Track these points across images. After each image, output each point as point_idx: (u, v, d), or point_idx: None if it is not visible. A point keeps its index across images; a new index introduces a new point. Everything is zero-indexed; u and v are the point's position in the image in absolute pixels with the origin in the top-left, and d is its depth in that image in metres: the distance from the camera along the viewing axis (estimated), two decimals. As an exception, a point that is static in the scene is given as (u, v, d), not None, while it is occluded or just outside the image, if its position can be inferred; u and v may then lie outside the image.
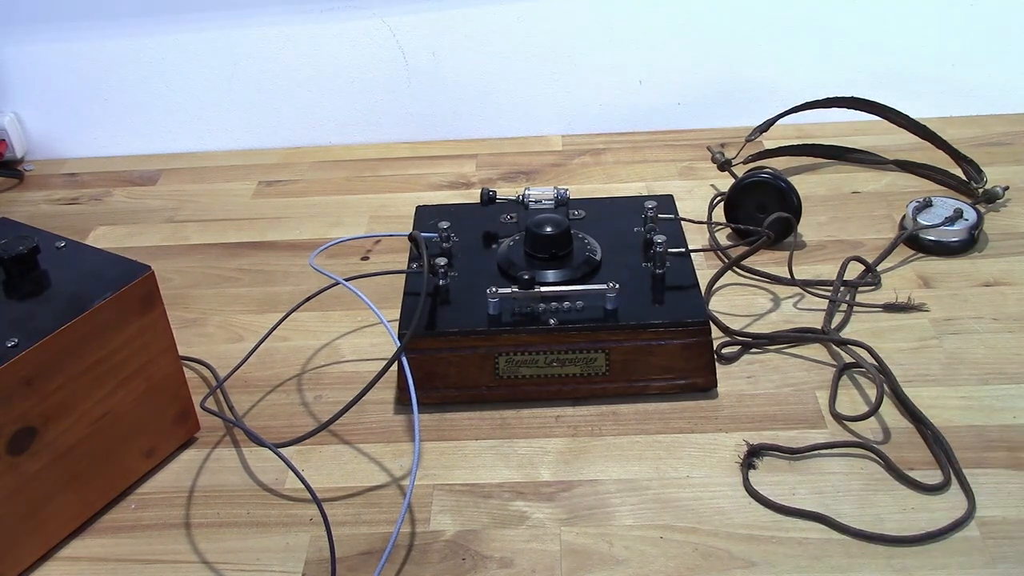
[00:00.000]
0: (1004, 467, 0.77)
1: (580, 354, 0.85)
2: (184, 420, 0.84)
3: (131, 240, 1.16)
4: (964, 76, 1.26)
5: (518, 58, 1.27)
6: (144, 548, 0.76)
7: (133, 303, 0.76)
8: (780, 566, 0.70)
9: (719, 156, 1.14)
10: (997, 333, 0.91)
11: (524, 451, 0.82)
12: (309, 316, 0.99)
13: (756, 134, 1.16)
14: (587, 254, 0.91)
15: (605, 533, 0.74)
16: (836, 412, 0.83)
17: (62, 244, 0.80)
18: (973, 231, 1.02)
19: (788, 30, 1.24)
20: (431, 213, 1.01)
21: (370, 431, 0.85)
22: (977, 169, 1.11)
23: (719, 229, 1.07)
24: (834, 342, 0.90)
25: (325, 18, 1.26)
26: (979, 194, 1.09)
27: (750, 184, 1.02)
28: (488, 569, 0.72)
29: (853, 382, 0.87)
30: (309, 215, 1.18)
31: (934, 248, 1.02)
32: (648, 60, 1.27)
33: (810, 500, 0.76)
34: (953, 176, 1.13)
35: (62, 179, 1.31)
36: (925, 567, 0.69)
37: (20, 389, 0.69)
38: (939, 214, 1.03)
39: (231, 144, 1.34)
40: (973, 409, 0.82)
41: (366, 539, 0.75)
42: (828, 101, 1.15)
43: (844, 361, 0.88)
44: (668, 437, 0.82)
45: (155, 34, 1.27)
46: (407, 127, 1.32)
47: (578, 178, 1.21)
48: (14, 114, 1.33)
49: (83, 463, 0.76)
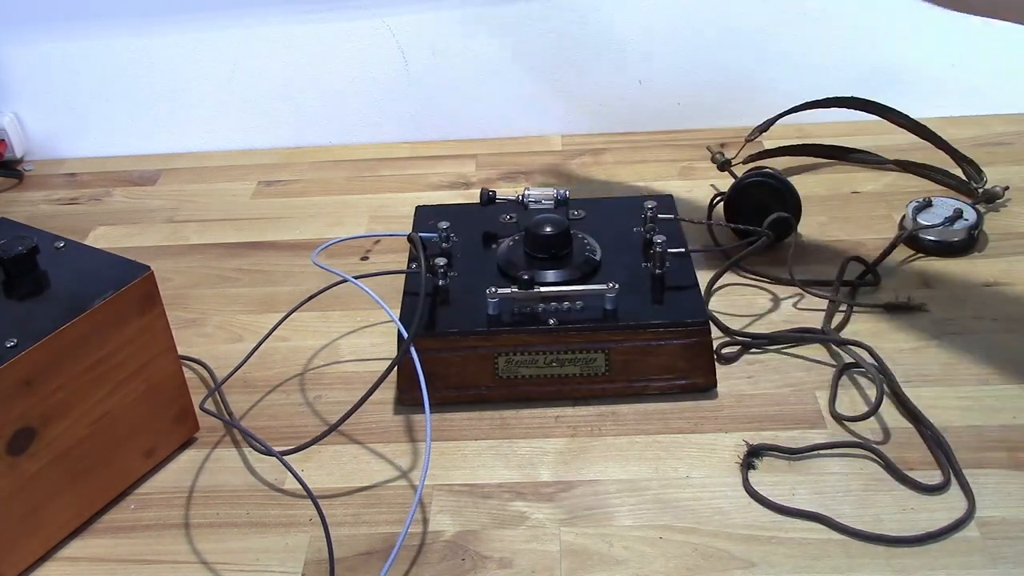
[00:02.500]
0: (1004, 467, 0.77)
1: (580, 354, 0.85)
2: (184, 420, 0.84)
3: (131, 240, 1.16)
4: (964, 76, 1.26)
5: (518, 58, 1.27)
6: (144, 548, 0.76)
7: (133, 303, 0.76)
8: (780, 566, 0.70)
9: (719, 156, 1.14)
10: (997, 333, 0.91)
11: (524, 451, 0.82)
12: (309, 316, 0.99)
13: (756, 134, 1.16)
14: (587, 254, 0.91)
15: (605, 533, 0.74)
16: (836, 412, 0.83)
17: (61, 244, 0.80)
18: (973, 231, 1.02)
19: (788, 30, 1.24)
20: (431, 213, 1.01)
21: (370, 431, 0.85)
22: (977, 169, 1.11)
23: (719, 229, 1.07)
24: (834, 342, 0.90)
25: (325, 18, 1.26)
26: (979, 194, 1.09)
27: (750, 184, 1.02)
28: (488, 569, 0.72)
29: (853, 382, 0.86)
30: (309, 215, 1.18)
31: (934, 248, 1.02)
32: (648, 60, 1.27)
33: (810, 500, 0.75)
34: (953, 176, 1.13)
35: (62, 179, 1.31)
36: (925, 567, 0.69)
37: (19, 389, 0.69)
38: (939, 214, 1.03)
39: (231, 144, 1.34)
40: (973, 409, 0.82)
41: (366, 539, 0.75)
42: (828, 101, 1.15)
43: (844, 361, 0.88)
44: (668, 437, 0.82)
45: (155, 34, 1.27)
46: (407, 127, 1.32)
47: (578, 178, 1.21)
48: (14, 114, 1.33)
49: (83, 463, 0.76)
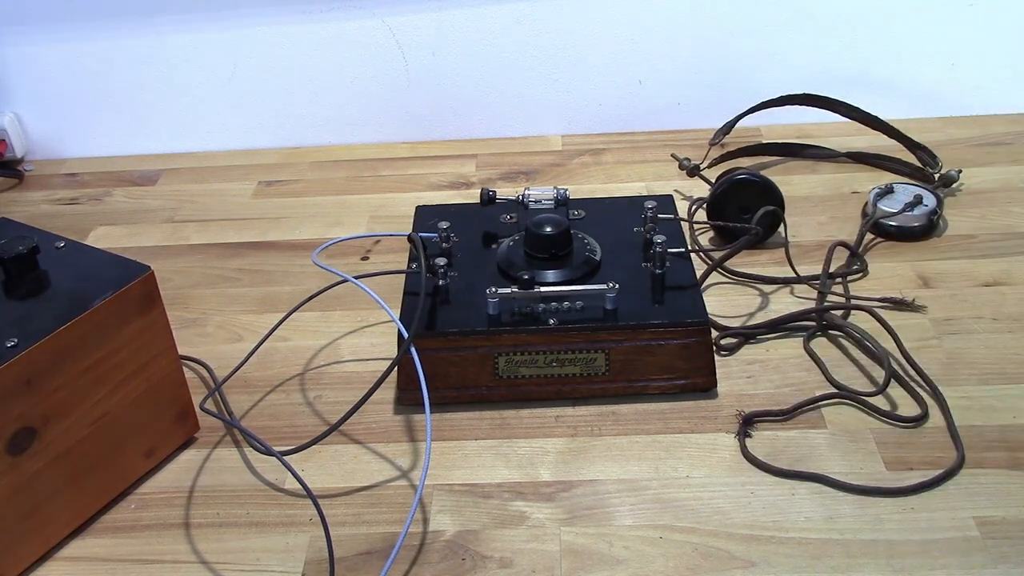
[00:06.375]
0: (1004, 467, 0.77)
1: (580, 354, 0.85)
2: (184, 420, 0.84)
3: (131, 240, 1.16)
4: (964, 76, 1.26)
5: (518, 58, 1.27)
6: (144, 548, 0.76)
7: (133, 303, 0.76)
8: (780, 566, 0.70)
9: (686, 163, 1.15)
10: (997, 333, 0.91)
11: (524, 451, 0.82)
12: (309, 316, 0.99)
13: (719, 137, 1.19)
14: (587, 254, 0.91)
15: (605, 533, 0.74)
16: (833, 379, 0.86)
17: (62, 244, 0.80)
18: (932, 216, 1.03)
19: (788, 31, 1.24)
20: (431, 213, 1.01)
21: (370, 431, 0.85)
22: (931, 155, 1.14)
23: (703, 232, 1.08)
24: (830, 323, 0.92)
25: (325, 18, 1.26)
26: (936, 179, 1.10)
27: (733, 184, 1.02)
28: (488, 569, 0.72)
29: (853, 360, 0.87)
30: (309, 215, 1.18)
31: (896, 234, 1.04)
32: (648, 60, 1.27)
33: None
34: (908, 164, 1.15)
35: (62, 179, 1.31)
36: (925, 567, 0.69)
37: (20, 389, 0.69)
38: (900, 200, 1.05)
39: (231, 144, 1.34)
40: (973, 409, 0.82)
41: (366, 539, 0.75)
42: (782, 100, 1.18)
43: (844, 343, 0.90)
44: (668, 437, 0.82)
45: (155, 34, 1.27)
46: (407, 127, 1.32)
47: (578, 178, 1.21)
48: (14, 114, 1.33)
49: (83, 463, 0.76)
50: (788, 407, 0.83)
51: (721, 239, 1.05)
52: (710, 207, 1.04)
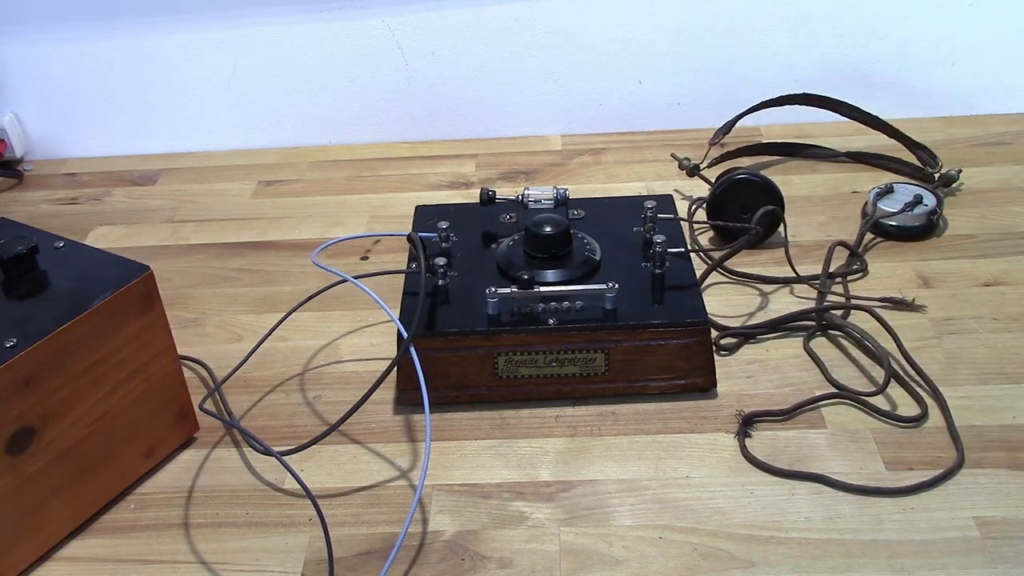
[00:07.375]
0: (1004, 467, 0.77)
1: (579, 354, 0.85)
2: (183, 420, 0.84)
3: (130, 240, 1.16)
4: (964, 76, 1.26)
5: (518, 58, 1.27)
6: (143, 548, 0.76)
7: (132, 303, 0.76)
8: (780, 566, 0.70)
9: (686, 163, 1.15)
10: (997, 333, 0.91)
11: (523, 451, 0.82)
12: (309, 316, 0.99)
13: (719, 137, 1.19)
14: (587, 254, 0.91)
15: (604, 533, 0.74)
16: (833, 380, 0.86)
17: (61, 244, 0.80)
18: (932, 216, 1.03)
19: (788, 31, 1.24)
20: (431, 213, 1.01)
21: (369, 431, 0.85)
22: (931, 155, 1.13)
23: (703, 232, 1.08)
24: (830, 322, 0.91)
25: (325, 18, 1.26)
26: (936, 179, 1.10)
27: (733, 184, 1.02)
28: (487, 569, 0.72)
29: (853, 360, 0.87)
30: (309, 215, 1.18)
31: (896, 234, 1.04)
32: (648, 60, 1.27)
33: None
34: (908, 163, 1.15)
35: (62, 179, 1.31)
36: (925, 567, 0.69)
37: (19, 389, 0.69)
38: (900, 199, 1.05)
39: (231, 144, 1.34)
40: (973, 409, 0.82)
41: (366, 539, 0.75)
42: (781, 99, 1.18)
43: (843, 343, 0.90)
44: (668, 437, 0.82)
45: (155, 34, 1.27)
46: (407, 127, 1.32)
47: (578, 178, 1.21)
48: (14, 114, 1.33)
49: (82, 463, 0.76)
50: (788, 407, 0.83)
51: (721, 239, 1.05)
52: (710, 207, 1.04)
